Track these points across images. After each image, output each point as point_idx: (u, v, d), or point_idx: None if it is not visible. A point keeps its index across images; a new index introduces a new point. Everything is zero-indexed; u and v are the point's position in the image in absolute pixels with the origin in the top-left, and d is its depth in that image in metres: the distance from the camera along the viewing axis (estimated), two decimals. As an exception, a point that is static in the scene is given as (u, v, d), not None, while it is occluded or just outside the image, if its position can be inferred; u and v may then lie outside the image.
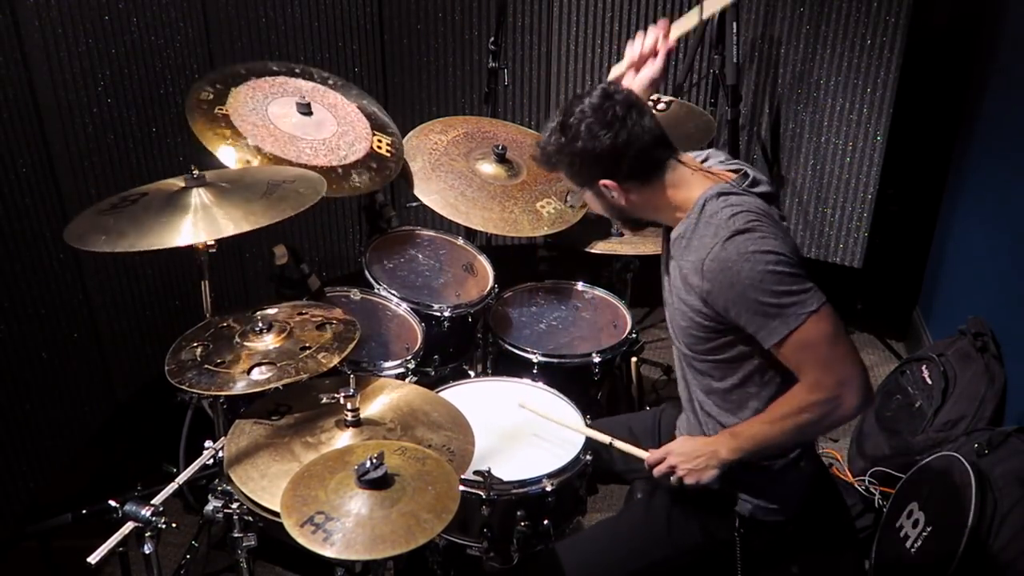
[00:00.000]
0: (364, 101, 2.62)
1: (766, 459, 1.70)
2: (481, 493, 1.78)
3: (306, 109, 2.38)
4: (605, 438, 1.88)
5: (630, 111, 1.62)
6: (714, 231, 1.59)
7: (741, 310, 1.56)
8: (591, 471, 1.95)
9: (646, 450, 1.80)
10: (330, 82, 2.59)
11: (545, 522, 1.85)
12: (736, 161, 1.78)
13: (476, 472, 1.78)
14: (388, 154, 2.51)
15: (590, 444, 1.93)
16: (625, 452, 1.85)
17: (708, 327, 1.64)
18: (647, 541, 1.77)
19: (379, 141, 2.52)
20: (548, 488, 1.83)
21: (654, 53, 1.93)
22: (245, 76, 2.38)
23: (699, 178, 1.67)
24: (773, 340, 1.55)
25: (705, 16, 1.96)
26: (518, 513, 1.81)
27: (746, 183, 1.67)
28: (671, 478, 1.72)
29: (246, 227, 1.76)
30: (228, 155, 2.17)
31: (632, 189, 1.68)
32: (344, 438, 1.70)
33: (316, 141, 2.35)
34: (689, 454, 1.70)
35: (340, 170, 2.34)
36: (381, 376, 2.04)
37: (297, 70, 2.54)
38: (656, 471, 1.75)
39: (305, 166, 2.25)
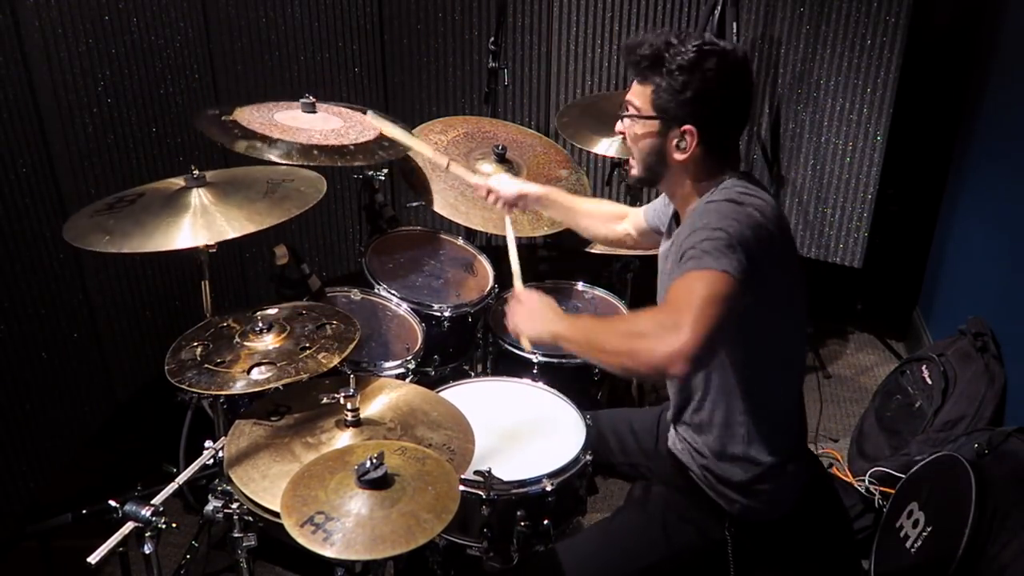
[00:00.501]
0: (370, 112, 2.61)
1: (750, 460, 1.69)
2: (481, 493, 1.78)
3: (311, 108, 2.39)
4: (443, 159, 1.93)
5: (753, 92, 1.60)
6: (713, 196, 1.59)
7: (684, 246, 1.51)
8: (591, 471, 1.95)
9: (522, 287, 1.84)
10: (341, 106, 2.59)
11: (545, 522, 1.85)
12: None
13: (476, 472, 1.78)
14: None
15: (590, 443, 1.94)
16: (513, 269, 1.93)
17: None
18: (642, 542, 1.77)
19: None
20: (548, 488, 1.83)
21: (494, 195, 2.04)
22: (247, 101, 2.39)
23: (731, 175, 1.65)
24: (677, 274, 1.49)
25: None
26: (518, 513, 1.81)
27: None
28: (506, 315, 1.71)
29: (250, 228, 1.77)
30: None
31: (699, 153, 1.61)
32: (344, 438, 1.70)
33: (327, 131, 2.36)
34: (535, 309, 1.65)
35: (352, 147, 2.34)
36: (381, 376, 2.04)
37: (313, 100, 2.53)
38: (508, 307, 1.73)
39: (321, 145, 2.25)
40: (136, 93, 2.44)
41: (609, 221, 2.11)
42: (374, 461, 1.44)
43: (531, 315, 1.65)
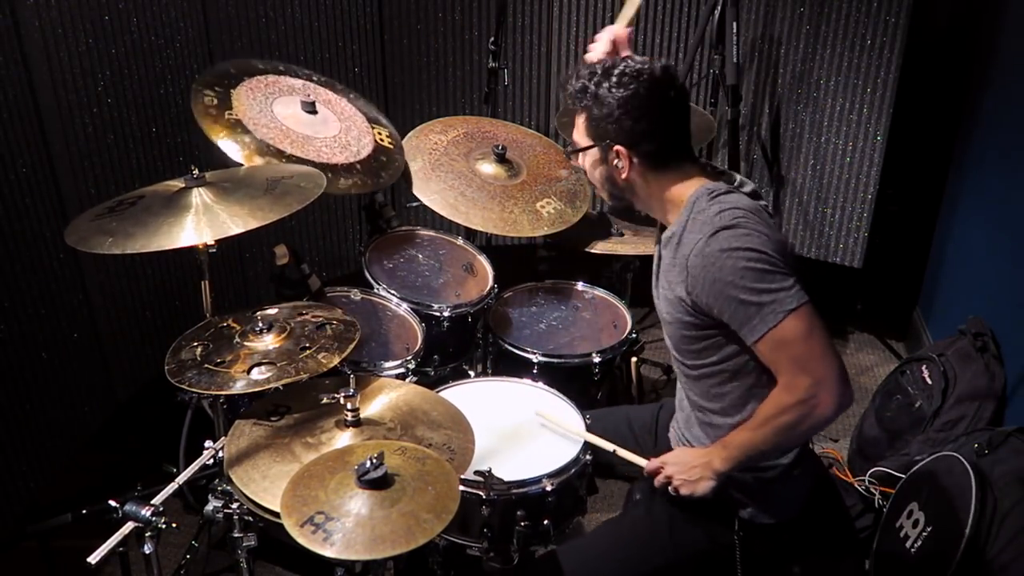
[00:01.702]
0: (351, 95, 2.63)
1: (760, 467, 1.70)
2: (481, 493, 1.78)
3: (311, 108, 2.39)
4: (609, 446, 1.89)
5: (684, 96, 1.65)
6: (700, 227, 1.60)
7: (723, 306, 1.56)
8: (591, 471, 1.95)
9: (646, 459, 1.81)
10: (315, 79, 2.59)
11: (545, 522, 1.85)
12: (720, 168, 1.80)
13: (476, 472, 1.78)
14: (391, 145, 2.53)
15: (590, 444, 1.94)
16: (626, 459, 1.87)
17: (695, 325, 1.64)
18: (649, 545, 1.77)
19: (379, 133, 2.54)
20: (548, 488, 1.83)
21: (614, 50, 1.93)
22: (237, 76, 2.38)
23: (697, 179, 1.68)
24: (753, 337, 1.55)
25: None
26: (518, 513, 1.81)
27: (734, 183, 1.69)
28: (668, 488, 1.73)
29: (253, 224, 1.76)
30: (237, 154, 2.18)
31: (640, 168, 1.67)
32: (344, 438, 1.70)
33: (329, 139, 2.37)
34: (685, 465, 1.71)
35: (359, 166, 2.38)
36: (381, 376, 2.04)
37: (281, 67, 2.54)
38: (655, 481, 1.76)
39: (327, 165, 2.28)
40: (136, 93, 2.44)
41: None
42: (374, 461, 1.44)
43: (689, 475, 1.70)
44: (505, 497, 1.80)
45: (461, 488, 1.53)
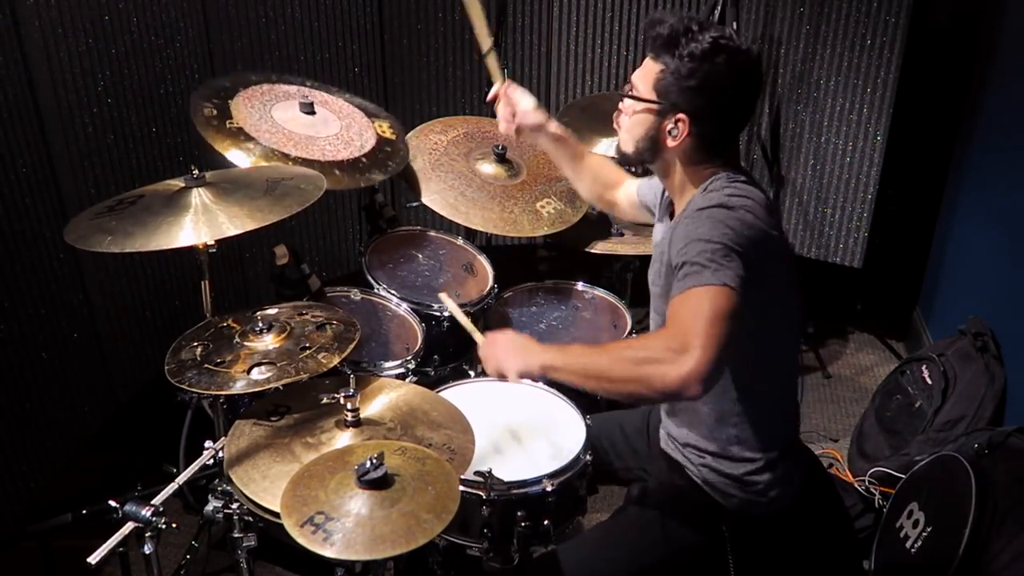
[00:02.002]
0: (347, 95, 2.63)
1: (745, 457, 1.69)
2: (481, 493, 1.78)
3: (310, 108, 2.39)
4: (455, 312, 1.91)
5: (758, 94, 1.62)
6: (708, 197, 1.58)
7: (678, 259, 1.51)
8: (591, 471, 1.95)
9: (483, 334, 1.73)
10: (308, 84, 2.60)
11: (545, 522, 1.85)
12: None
13: (476, 472, 1.78)
14: (393, 136, 2.54)
15: (590, 444, 1.94)
16: (465, 327, 1.86)
17: None
18: (642, 542, 1.77)
19: (380, 126, 2.54)
20: (548, 488, 1.83)
21: (511, 106, 1.97)
22: (233, 88, 2.39)
23: (724, 169, 1.65)
24: (676, 291, 1.49)
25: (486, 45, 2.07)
26: (518, 513, 1.81)
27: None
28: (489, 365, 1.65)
29: (251, 225, 1.76)
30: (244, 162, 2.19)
31: (691, 144, 1.62)
32: (344, 438, 1.70)
33: (331, 137, 2.37)
34: (509, 347, 1.61)
35: (364, 160, 2.38)
36: (381, 376, 2.04)
37: (274, 77, 2.54)
38: (480, 352, 1.68)
39: (332, 163, 2.29)
40: (136, 93, 2.44)
41: (606, 184, 2.12)
42: (374, 461, 1.44)
43: (509, 351, 1.59)
44: (505, 497, 1.80)
45: (461, 488, 1.53)
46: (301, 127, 2.36)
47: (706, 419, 1.71)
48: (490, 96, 2.06)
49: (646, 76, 1.62)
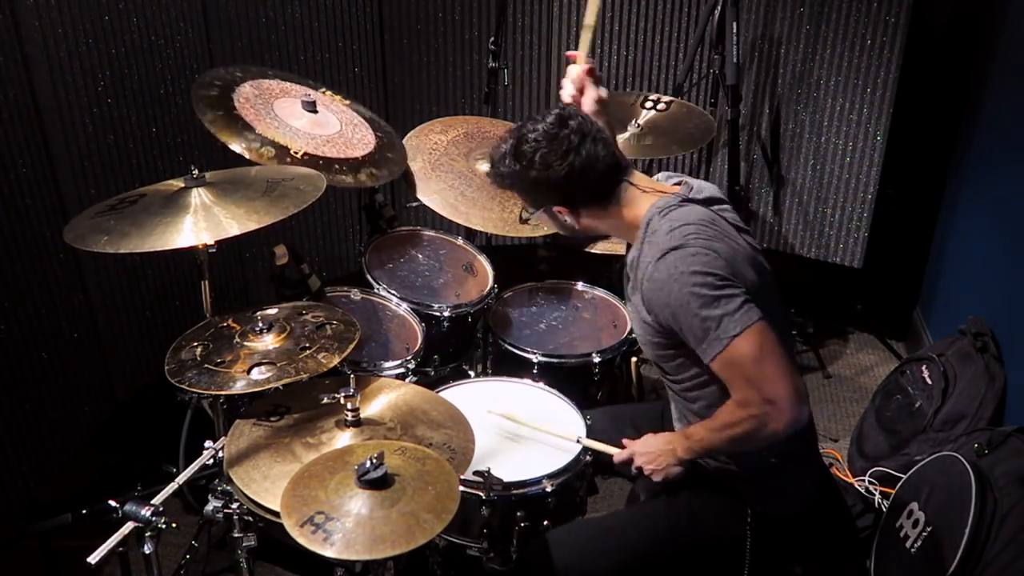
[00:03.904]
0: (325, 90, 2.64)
1: (772, 460, 1.71)
2: (481, 493, 1.78)
3: (311, 107, 2.39)
4: (573, 436, 1.93)
5: (584, 139, 1.64)
6: (652, 250, 1.62)
7: (680, 327, 1.60)
8: (591, 471, 1.95)
9: (618, 447, 1.86)
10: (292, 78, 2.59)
11: (545, 523, 1.85)
12: (678, 174, 1.82)
13: (476, 472, 1.78)
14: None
15: (600, 437, 1.94)
16: (594, 449, 1.91)
17: (665, 345, 1.68)
18: (662, 531, 1.78)
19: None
20: (548, 488, 1.83)
21: (583, 84, 1.94)
22: (229, 84, 2.37)
23: (648, 197, 1.70)
24: (706, 359, 1.58)
25: (590, 20, 2.00)
26: (518, 514, 1.81)
27: (690, 193, 1.69)
28: (641, 473, 1.80)
29: (251, 226, 1.76)
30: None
31: (585, 213, 1.73)
32: (344, 438, 1.70)
33: (336, 135, 2.37)
34: (651, 453, 1.77)
35: (376, 155, 2.41)
36: (381, 376, 2.04)
37: (270, 72, 2.53)
38: (631, 469, 1.82)
39: (349, 159, 2.31)
40: (136, 93, 2.44)
41: None
42: (374, 461, 1.44)
43: (656, 463, 1.76)
44: (505, 497, 1.81)
45: (461, 488, 1.53)
46: (308, 126, 2.35)
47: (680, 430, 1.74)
48: (575, 66, 1.98)
49: (521, 201, 1.81)
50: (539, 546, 1.79)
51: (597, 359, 2.35)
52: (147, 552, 1.56)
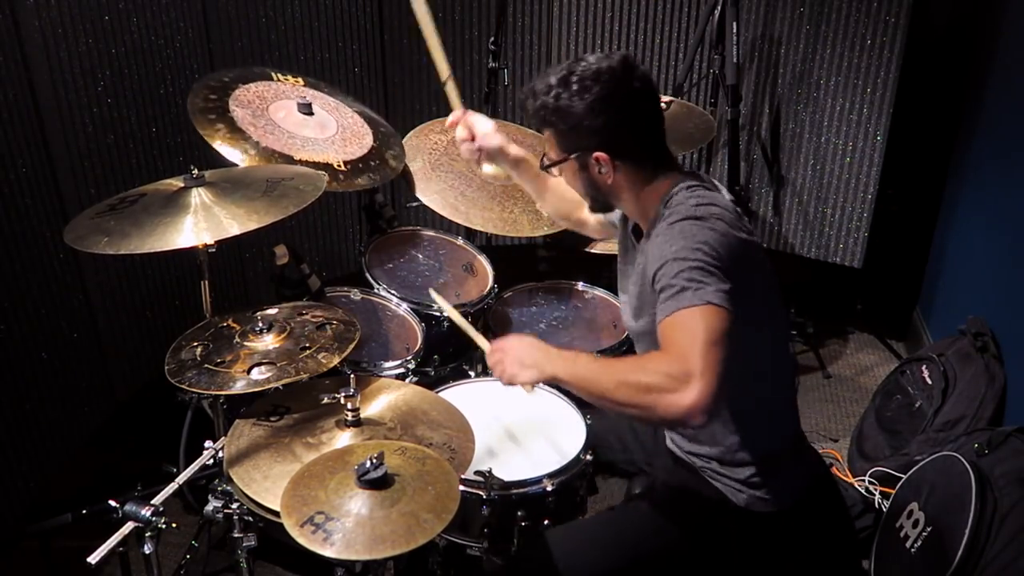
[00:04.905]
0: (348, 98, 2.63)
1: (758, 455, 1.69)
2: (481, 493, 1.78)
3: (307, 109, 2.38)
4: (445, 304, 1.89)
5: (650, 89, 1.58)
6: (671, 214, 1.56)
7: (659, 277, 1.50)
8: (591, 471, 1.95)
9: (489, 341, 1.73)
10: (289, 78, 2.57)
11: (545, 522, 1.85)
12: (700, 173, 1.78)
13: (476, 472, 1.78)
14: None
15: (590, 443, 1.94)
16: (467, 334, 1.83)
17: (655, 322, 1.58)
18: (646, 531, 1.76)
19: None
20: (548, 488, 1.83)
21: (469, 128, 1.95)
22: (225, 88, 2.34)
23: (678, 177, 1.64)
24: (661, 316, 1.47)
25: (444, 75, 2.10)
26: (518, 513, 1.81)
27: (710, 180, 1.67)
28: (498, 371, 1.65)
29: (251, 226, 1.76)
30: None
31: (623, 169, 1.62)
32: (344, 438, 1.70)
33: (335, 136, 2.37)
34: (520, 356, 1.60)
35: (365, 163, 2.39)
36: (381, 376, 2.04)
37: (272, 73, 2.51)
38: (489, 359, 1.67)
39: (329, 165, 2.28)
40: (136, 93, 2.44)
41: (573, 203, 2.05)
42: (374, 461, 1.44)
43: (521, 359, 1.59)
44: (505, 497, 1.81)
45: (461, 488, 1.53)
46: (306, 130, 2.35)
47: (708, 427, 1.71)
48: (448, 122, 2.04)
49: (548, 144, 1.67)
50: (528, 552, 1.79)
51: (597, 359, 2.35)
52: (147, 552, 1.56)
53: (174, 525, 1.59)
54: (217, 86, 2.29)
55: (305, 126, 2.36)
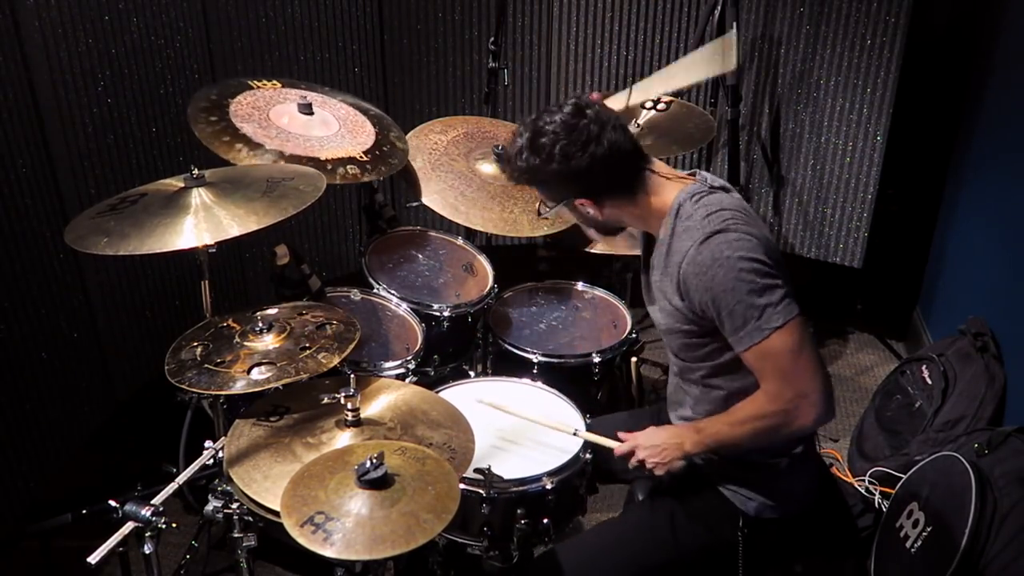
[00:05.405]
0: (326, 89, 2.62)
1: (769, 461, 1.70)
2: (481, 491, 1.78)
3: (308, 109, 2.38)
4: (570, 428, 1.91)
5: (604, 127, 1.61)
6: (690, 234, 1.60)
7: (717, 313, 1.57)
8: (591, 470, 1.95)
9: (617, 441, 1.81)
10: (266, 82, 2.56)
11: (545, 521, 1.85)
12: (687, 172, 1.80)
13: (476, 470, 1.78)
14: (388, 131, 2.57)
15: (590, 443, 1.94)
16: (593, 442, 1.87)
17: (696, 332, 1.66)
18: (652, 542, 1.77)
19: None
20: (548, 486, 1.83)
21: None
22: (224, 95, 2.34)
23: (673, 183, 1.68)
24: (740, 348, 1.57)
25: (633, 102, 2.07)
26: (518, 511, 1.81)
27: (706, 182, 1.68)
28: (644, 469, 1.76)
29: (251, 226, 1.76)
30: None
31: (608, 203, 1.70)
32: (344, 438, 1.70)
33: (341, 130, 2.37)
34: (656, 447, 1.73)
35: (380, 150, 2.40)
36: (381, 376, 2.04)
37: (250, 82, 2.48)
38: (628, 463, 1.77)
39: (344, 159, 2.29)
40: (136, 93, 2.44)
41: None
42: (374, 461, 1.44)
43: (661, 456, 1.72)
44: (505, 495, 1.81)
45: (461, 486, 1.53)
46: (307, 130, 2.35)
47: (691, 423, 1.72)
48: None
49: (538, 196, 1.78)
50: (534, 566, 1.80)
51: (597, 359, 2.35)
52: (147, 552, 1.56)
53: (174, 525, 1.59)
54: (209, 106, 2.28)
55: (312, 126, 2.36)
